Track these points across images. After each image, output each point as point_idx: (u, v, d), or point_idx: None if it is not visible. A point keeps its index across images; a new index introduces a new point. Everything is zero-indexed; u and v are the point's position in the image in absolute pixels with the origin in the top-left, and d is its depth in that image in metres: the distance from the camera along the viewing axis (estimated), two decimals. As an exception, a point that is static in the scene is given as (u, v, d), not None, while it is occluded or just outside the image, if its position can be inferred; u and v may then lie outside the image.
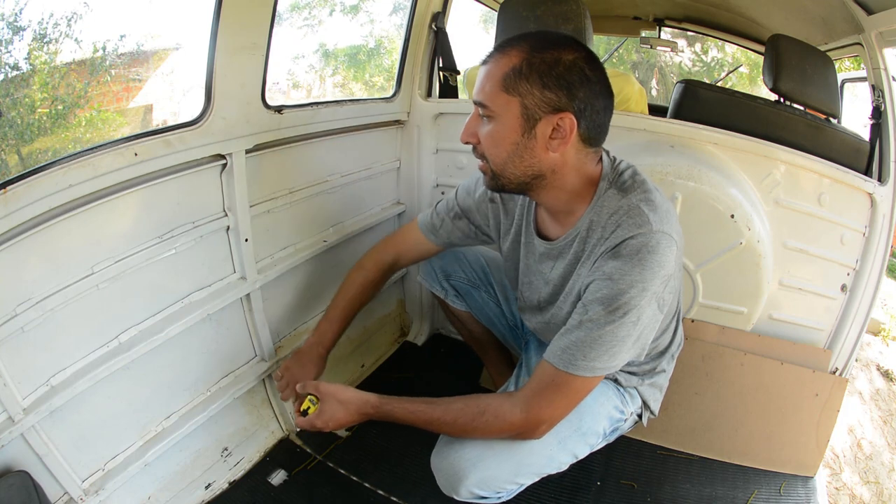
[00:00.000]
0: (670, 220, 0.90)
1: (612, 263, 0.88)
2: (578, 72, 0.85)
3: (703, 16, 2.54)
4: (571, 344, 0.90)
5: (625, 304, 0.86)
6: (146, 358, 1.17)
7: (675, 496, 1.41)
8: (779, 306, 1.55)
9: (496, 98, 0.86)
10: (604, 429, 1.09)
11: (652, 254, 0.85)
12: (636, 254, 0.86)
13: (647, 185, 0.94)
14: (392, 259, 1.31)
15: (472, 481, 0.96)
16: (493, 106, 0.87)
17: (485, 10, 2.45)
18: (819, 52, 1.52)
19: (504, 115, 0.87)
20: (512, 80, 0.85)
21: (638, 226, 0.87)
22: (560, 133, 0.86)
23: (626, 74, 1.76)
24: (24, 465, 0.99)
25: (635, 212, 0.89)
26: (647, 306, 0.88)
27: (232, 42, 1.16)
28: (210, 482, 1.34)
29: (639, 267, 0.85)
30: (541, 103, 0.85)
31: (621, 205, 0.91)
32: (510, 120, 0.87)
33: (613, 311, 0.87)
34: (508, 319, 1.41)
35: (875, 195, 1.45)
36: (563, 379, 0.90)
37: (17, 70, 2.84)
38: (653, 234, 0.86)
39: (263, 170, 1.37)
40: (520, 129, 0.87)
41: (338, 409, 1.02)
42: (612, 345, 0.88)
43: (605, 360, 0.89)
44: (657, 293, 0.88)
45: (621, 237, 0.88)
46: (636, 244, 0.86)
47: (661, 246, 0.86)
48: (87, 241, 1.05)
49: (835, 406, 1.50)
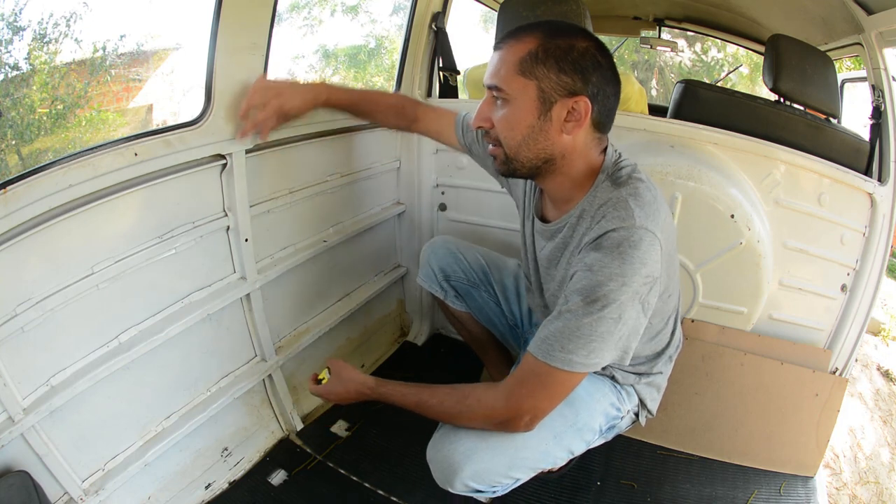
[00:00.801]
0: (657, 219, 0.89)
1: (593, 255, 0.88)
2: (591, 57, 0.88)
3: (703, 16, 2.54)
4: (550, 334, 0.89)
5: (603, 296, 0.85)
6: (146, 358, 1.17)
7: (675, 496, 1.41)
8: (779, 306, 1.55)
9: (512, 81, 0.88)
10: (600, 425, 1.09)
11: (633, 248, 0.85)
12: (617, 247, 0.86)
13: (643, 181, 0.94)
14: (415, 113, 1.36)
15: (466, 474, 0.96)
16: (508, 89, 0.88)
17: (485, 10, 2.45)
18: (819, 52, 1.52)
19: (520, 97, 0.88)
20: (528, 64, 0.87)
21: (622, 219, 0.87)
22: (575, 116, 0.89)
23: (626, 74, 1.76)
24: (24, 465, 0.99)
25: (622, 205, 0.89)
26: (629, 305, 0.87)
27: (232, 42, 1.16)
28: (210, 482, 1.34)
29: (618, 260, 0.85)
30: (556, 87, 0.87)
31: (611, 196, 0.92)
32: (526, 103, 0.88)
33: (592, 302, 0.86)
34: (508, 319, 1.41)
35: (875, 195, 1.45)
36: (543, 370, 0.90)
37: (17, 70, 2.84)
38: (635, 230, 0.86)
39: (263, 170, 1.37)
40: (536, 111, 0.89)
41: (338, 385, 1.08)
42: (591, 339, 0.87)
43: (584, 356, 0.87)
44: (640, 293, 0.87)
45: (604, 229, 0.88)
46: (617, 237, 0.86)
47: (644, 242, 0.86)
48: (87, 241, 1.05)
49: (835, 406, 1.50)
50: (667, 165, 1.38)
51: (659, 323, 1.06)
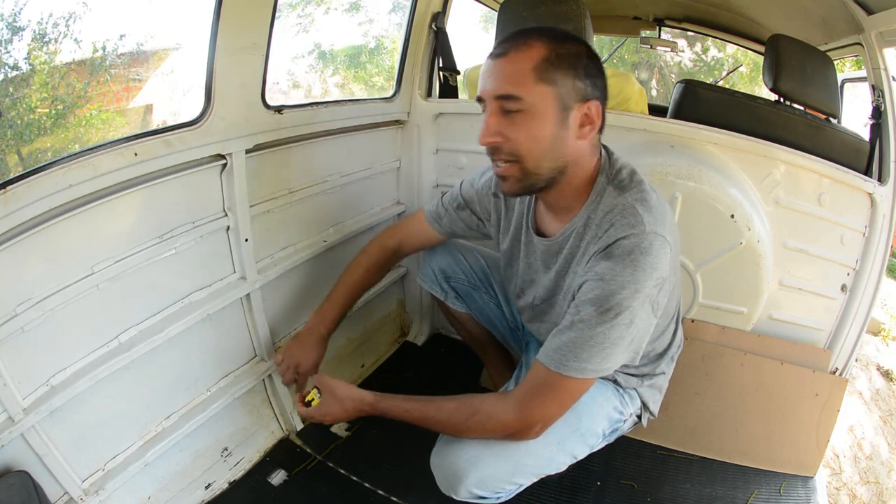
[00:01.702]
0: (665, 222, 0.89)
1: (605, 264, 0.87)
2: (596, 62, 0.89)
3: (703, 16, 2.54)
4: (563, 345, 0.89)
5: (616, 304, 0.85)
6: (146, 358, 1.17)
7: (675, 496, 1.41)
8: (779, 306, 1.55)
9: (532, 88, 0.84)
10: (603, 429, 1.09)
11: (645, 255, 0.85)
12: (628, 255, 0.85)
13: (644, 185, 0.94)
14: (396, 244, 1.32)
15: (470, 481, 0.96)
16: (528, 97, 0.84)
17: (485, 10, 2.45)
18: (819, 52, 1.52)
19: (540, 105, 0.85)
20: (546, 70, 0.84)
21: (631, 226, 0.87)
22: (589, 121, 0.88)
23: (627, 74, 1.75)
24: (24, 465, 0.99)
25: (630, 211, 0.88)
26: (641, 308, 0.87)
27: (232, 42, 1.16)
28: (210, 482, 1.34)
29: (631, 268, 0.85)
30: (572, 92, 0.86)
31: (616, 203, 0.90)
32: (547, 110, 0.85)
33: (605, 311, 0.86)
34: (509, 320, 1.41)
35: (875, 195, 1.45)
36: (556, 380, 0.90)
37: (17, 70, 2.84)
38: (646, 236, 0.86)
39: (263, 170, 1.37)
40: (556, 119, 0.86)
41: (334, 405, 1.04)
42: (605, 346, 0.87)
43: (598, 362, 0.88)
44: (650, 296, 0.87)
45: (614, 237, 0.87)
46: (629, 245, 0.86)
47: (654, 247, 0.85)
48: (87, 241, 1.05)
49: (835, 406, 1.50)
50: (667, 165, 1.38)
51: (664, 321, 1.06)
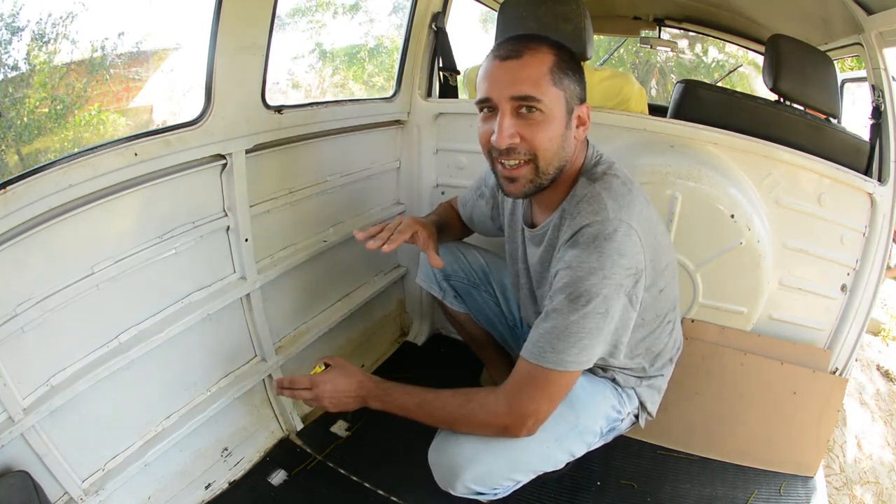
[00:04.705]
0: (630, 209, 0.90)
1: (571, 252, 0.89)
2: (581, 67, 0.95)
3: (703, 16, 2.54)
4: (540, 336, 0.90)
5: (585, 291, 0.86)
6: (146, 358, 1.17)
7: (675, 496, 1.41)
8: (779, 306, 1.55)
9: (549, 91, 0.89)
10: (601, 428, 1.09)
11: (608, 241, 0.86)
12: (593, 241, 0.87)
13: (618, 176, 0.96)
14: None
15: (468, 476, 0.96)
16: (546, 99, 0.89)
17: (485, 10, 2.45)
18: (819, 52, 1.52)
19: (555, 107, 0.90)
20: (557, 75, 0.90)
21: (595, 213, 0.89)
22: (582, 121, 0.95)
23: (626, 74, 1.75)
24: (24, 465, 0.99)
25: (595, 199, 0.91)
26: (615, 298, 0.87)
27: (232, 42, 1.16)
28: (210, 482, 1.34)
29: (596, 254, 0.86)
30: (573, 96, 0.92)
31: (586, 192, 0.94)
32: (560, 112, 0.91)
33: (575, 299, 0.86)
34: (508, 319, 1.41)
35: (875, 195, 1.45)
36: (538, 372, 0.90)
37: (17, 70, 2.84)
38: (609, 222, 0.87)
39: (263, 170, 1.37)
40: (564, 120, 0.92)
41: (341, 376, 1.03)
42: (581, 337, 0.87)
43: (575, 354, 0.88)
44: (624, 286, 0.88)
45: (579, 224, 0.90)
46: (592, 231, 0.88)
47: (619, 234, 0.87)
48: (87, 241, 1.05)
49: (835, 406, 1.50)
50: (667, 165, 1.38)
51: (653, 319, 1.06)
